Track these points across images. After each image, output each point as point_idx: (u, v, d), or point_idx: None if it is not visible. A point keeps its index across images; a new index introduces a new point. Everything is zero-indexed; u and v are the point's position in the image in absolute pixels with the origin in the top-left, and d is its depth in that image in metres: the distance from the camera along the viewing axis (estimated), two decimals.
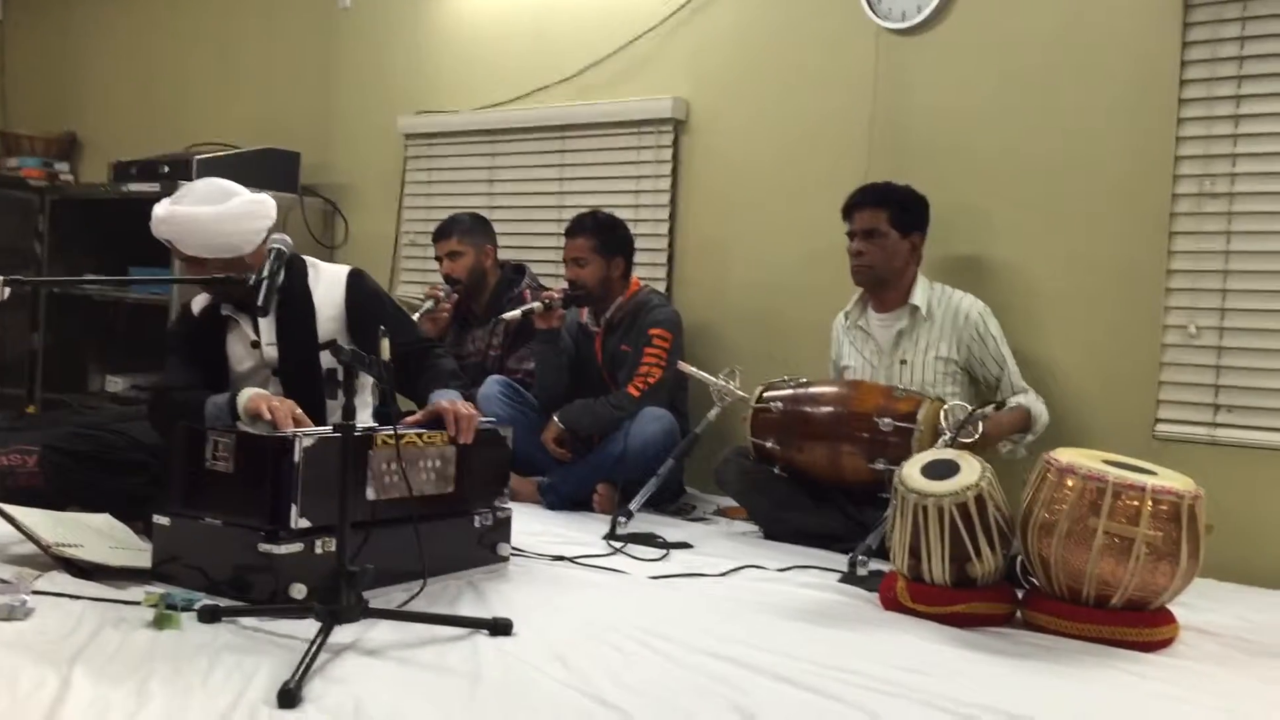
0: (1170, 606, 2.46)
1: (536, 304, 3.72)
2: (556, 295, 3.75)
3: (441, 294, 4.09)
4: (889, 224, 3.38)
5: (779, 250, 4.01)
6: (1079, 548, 2.39)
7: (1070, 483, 2.43)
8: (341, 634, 2.07)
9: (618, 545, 3.07)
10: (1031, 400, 3.29)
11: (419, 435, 2.55)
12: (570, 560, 2.88)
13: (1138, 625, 2.39)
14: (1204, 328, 3.24)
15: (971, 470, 2.55)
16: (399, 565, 2.39)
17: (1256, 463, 3.14)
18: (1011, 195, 3.58)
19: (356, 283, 2.87)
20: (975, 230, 3.62)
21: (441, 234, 4.20)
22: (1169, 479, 2.45)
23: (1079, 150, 3.46)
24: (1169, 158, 3.30)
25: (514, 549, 2.80)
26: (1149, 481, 2.40)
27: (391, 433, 2.45)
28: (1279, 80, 3.15)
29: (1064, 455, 2.50)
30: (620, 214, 4.01)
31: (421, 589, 2.34)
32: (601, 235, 3.80)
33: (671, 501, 3.70)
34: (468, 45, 4.82)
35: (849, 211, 3.46)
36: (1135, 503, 2.37)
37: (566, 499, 3.63)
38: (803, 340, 3.81)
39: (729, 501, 3.65)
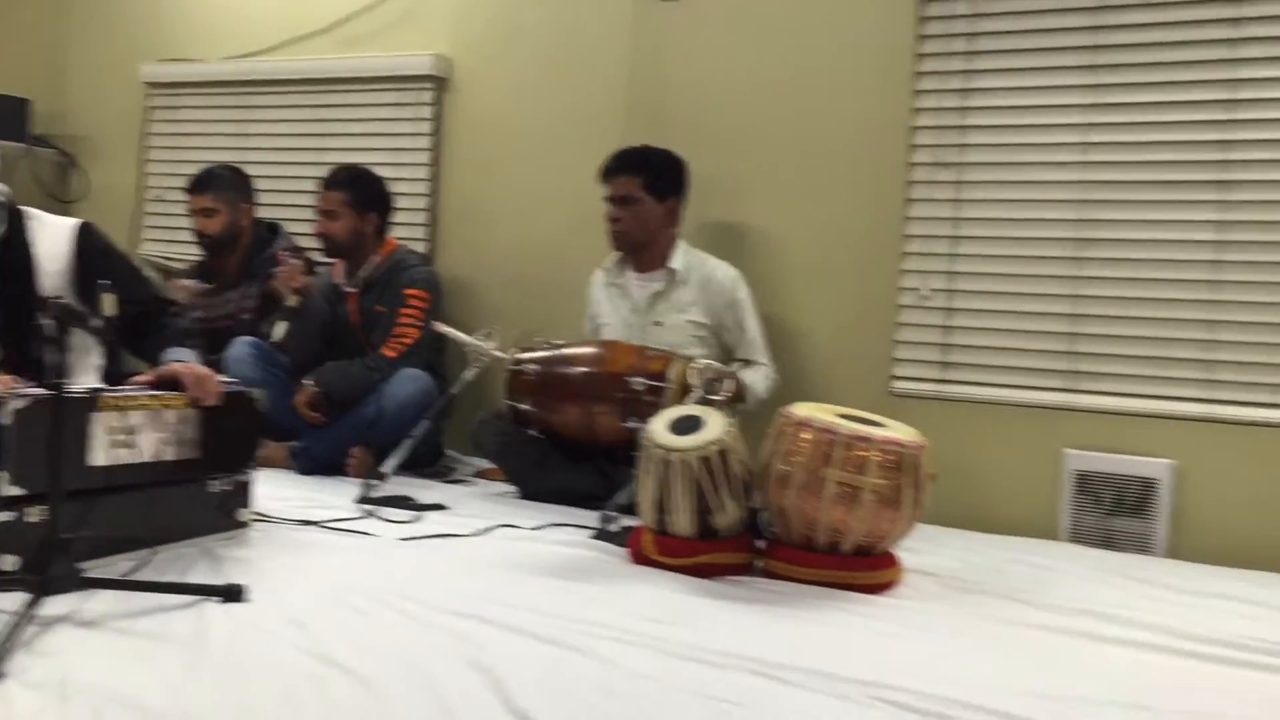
0: (895, 550, 2.61)
1: (291, 301, 3.60)
2: (301, 281, 3.61)
3: (192, 285, 3.90)
4: (643, 190, 3.42)
5: (541, 212, 4.01)
6: (812, 497, 2.49)
7: (805, 435, 2.53)
8: (55, 606, 1.94)
9: (369, 508, 3.01)
10: (750, 373, 3.36)
11: (153, 397, 2.42)
12: (317, 525, 2.80)
13: (866, 569, 2.52)
14: (935, 290, 3.45)
15: (715, 425, 2.63)
16: (128, 533, 2.27)
17: (979, 416, 3.36)
18: (764, 163, 3.68)
19: (86, 236, 2.70)
20: (730, 197, 3.72)
21: (196, 188, 4.00)
22: (896, 431, 2.58)
23: (825, 121, 3.59)
24: (906, 130, 3.48)
25: (256, 514, 2.70)
26: (877, 433, 2.53)
27: (118, 394, 2.31)
28: (1005, 57, 3.36)
29: (800, 410, 2.61)
30: (380, 171, 3.91)
31: (150, 558, 2.23)
32: (355, 189, 3.70)
33: (430, 464, 3.66)
34: None
35: (605, 177, 3.48)
36: (864, 454, 2.49)
37: (320, 463, 3.53)
38: (563, 302, 3.83)
39: (489, 463, 3.63)
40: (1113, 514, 3.15)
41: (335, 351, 3.69)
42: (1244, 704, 1.91)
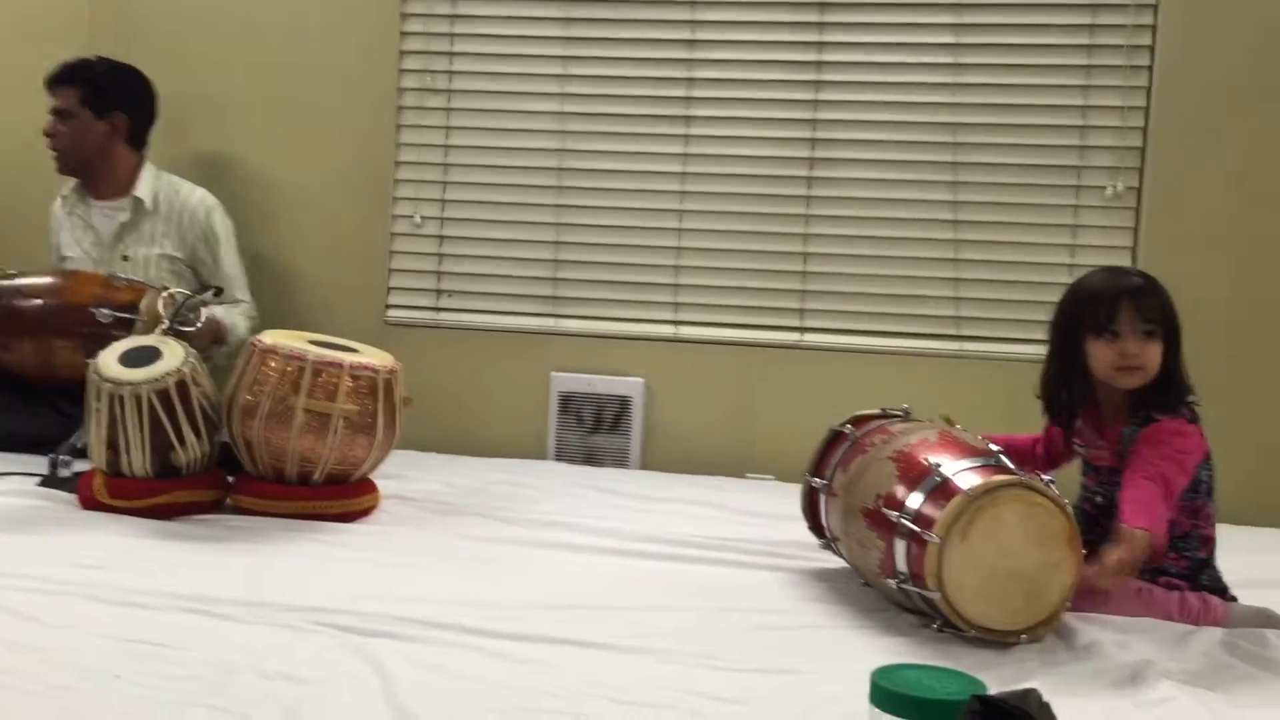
0: (373, 477, 2.58)
1: None
2: None
3: None
4: (80, 103, 3.16)
5: None
6: (280, 427, 2.40)
7: (272, 364, 2.43)
8: None
9: None
10: (226, 312, 3.15)
11: None
12: None
13: (339, 498, 2.47)
14: (428, 218, 3.43)
15: (174, 356, 2.45)
16: None
17: (473, 342, 3.40)
18: (251, 88, 3.47)
19: None
20: (215, 123, 3.48)
21: None
22: (369, 356, 2.54)
23: (314, 44, 3.44)
24: (395, 54, 3.40)
25: None
26: (348, 359, 2.47)
27: None
28: None
29: (268, 337, 2.49)
30: None
31: None
32: None
33: None
34: None
35: (48, 88, 3.19)
36: (334, 380, 2.42)
37: None
38: (21, 231, 3.42)
39: None
40: (594, 432, 3.32)
41: None
42: (676, 594, 2.06)
